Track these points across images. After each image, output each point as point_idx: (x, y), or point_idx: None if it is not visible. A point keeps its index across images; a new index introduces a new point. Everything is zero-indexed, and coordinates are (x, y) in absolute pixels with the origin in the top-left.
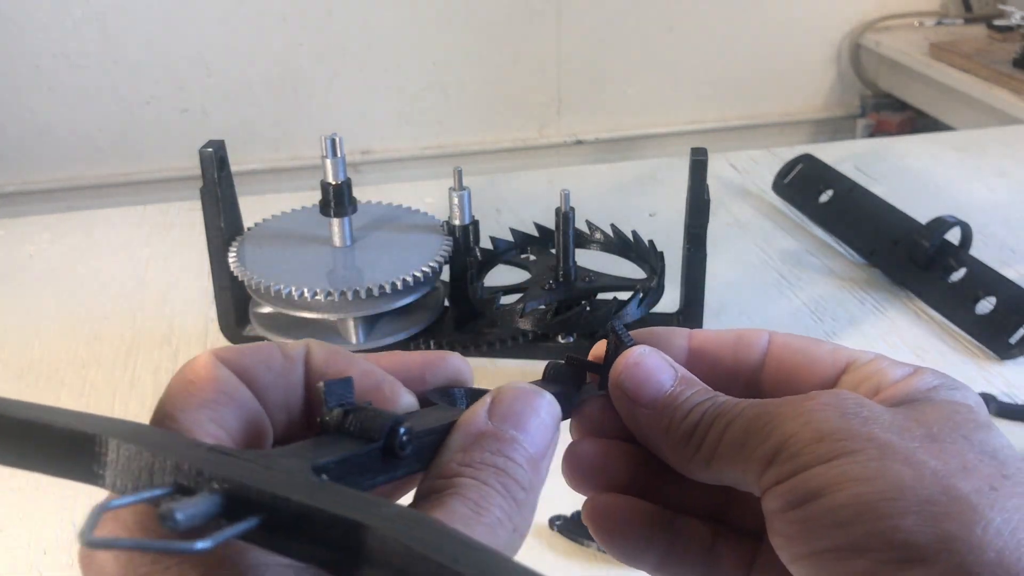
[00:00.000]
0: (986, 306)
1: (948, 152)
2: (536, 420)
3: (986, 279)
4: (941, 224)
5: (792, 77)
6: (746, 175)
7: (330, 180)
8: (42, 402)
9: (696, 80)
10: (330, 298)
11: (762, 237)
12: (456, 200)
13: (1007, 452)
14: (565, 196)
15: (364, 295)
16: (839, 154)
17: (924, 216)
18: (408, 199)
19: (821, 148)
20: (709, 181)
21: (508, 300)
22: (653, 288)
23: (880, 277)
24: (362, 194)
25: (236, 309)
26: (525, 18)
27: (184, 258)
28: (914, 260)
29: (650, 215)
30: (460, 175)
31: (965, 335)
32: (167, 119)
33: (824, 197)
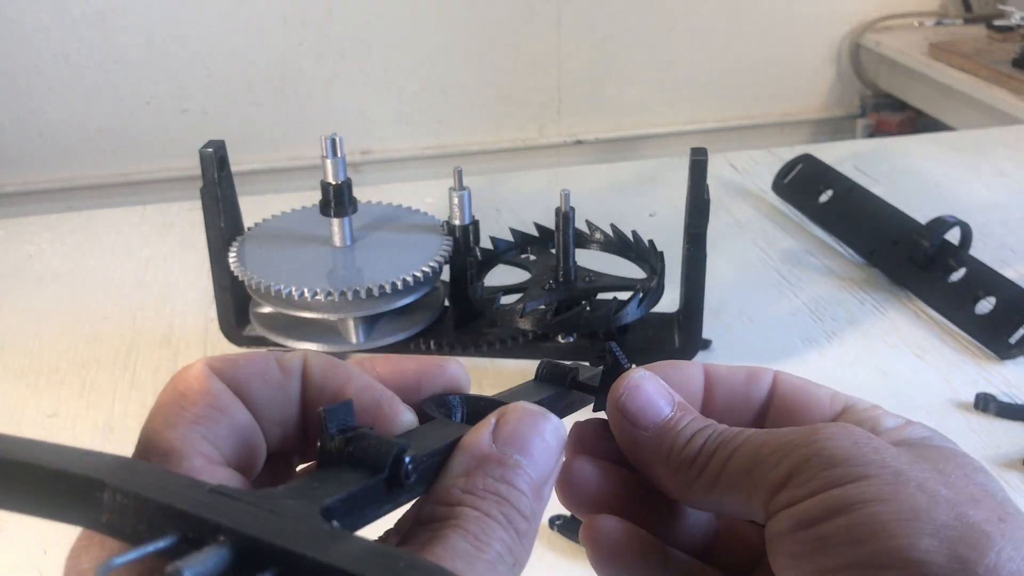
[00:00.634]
0: (986, 306)
1: (948, 152)
2: (541, 445)
3: (986, 279)
4: (941, 224)
5: (792, 77)
6: (746, 175)
7: (330, 180)
8: (42, 402)
9: (696, 80)
10: (330, 298)
11: (762, 237)
12: (456, 200)
13: (1004, 495)
14: (565, 196)
15: (364, 295)
16: (839, 154)
17: (924, 216)
18: (408, 199)
19: (821, 148)
20: (709, 181)
21: (508, 300)
22: (653, 288)
23: (880, 277)
24: (362, 194)
25: (236, 309)
26: (525, 18)
27: (184, 258)
28: (914, 260)
29: (650, 215)
30: (460, 175)
31: (965, 335)
32: (167, 119)
33: (824, 197)
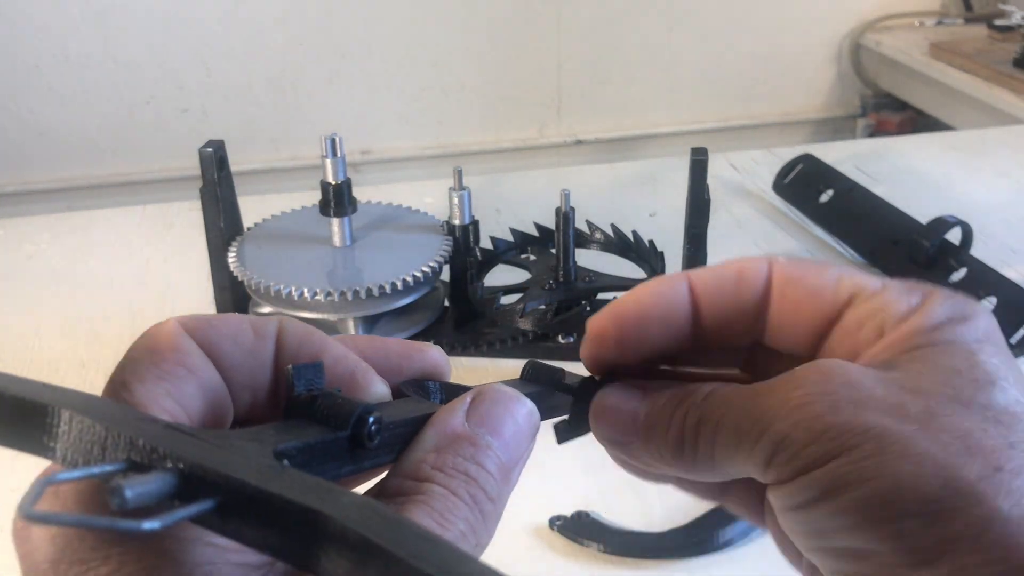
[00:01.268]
0: (986, 306)
1: (948, 152)
2: (514, 428)
3: (986, 279)
4: (941, 224)
5: (792, 77)
6: (746, 175)
7: (330, 180)
8: None
9: (696, 80)
10: (330, 298)
11: (762, 237)
12: (456, 200)
13: (1014, 410)
14: (565, 196)
15: (364, 295)
16: (839, 154)
17: (924, 216)
18: (408, 199)
19: (821, 148)
20: (709, 181)
21: (508, 300)
22: None
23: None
24: (362, 194)
25: (236, 309)
26: (525, 18)
27: (184, 258)
28: (914, 260)
29: (650, 215)
30: (460, 175)
31: None
32: (167, 119)
33: (824, 197)
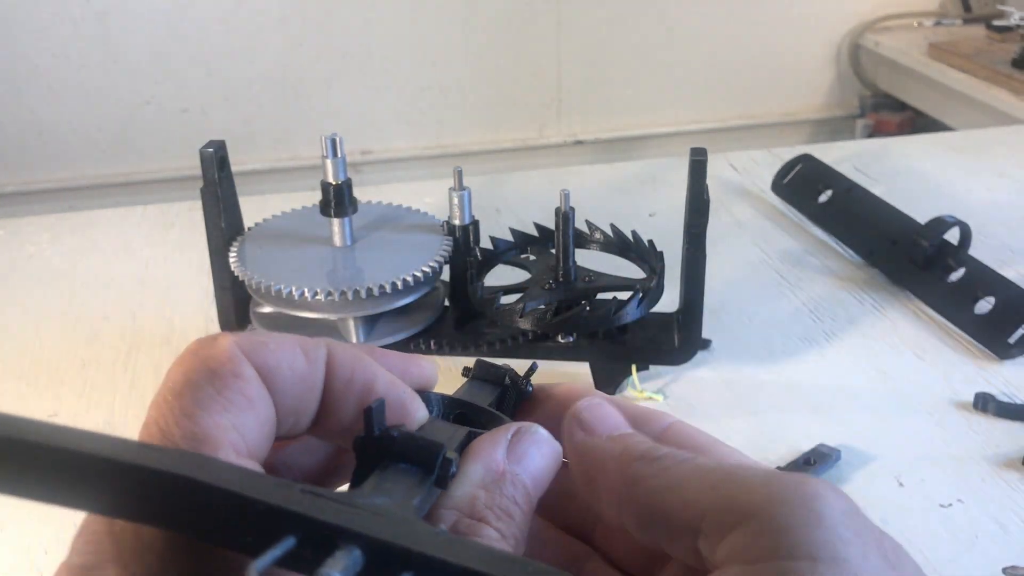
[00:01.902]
0: (985, 306)
1: (947, 152)
2: (546, 472)
3: (985, 279)
4: (940, 224)
5: (791, 77)
6: (745, 175)
7: (330, 180)
8: (42, 401)
9: (696, 80)
10: (330, 298)
11: (761, 237)
12: (456, 200)
13: None
14: (565, 196)
15: (364, 295)
16: (838, 154)
17: (923, 216)
18: (408, 199)
19: (820, 148)
20: (709, 181)
21: (508, 300)
22: (653, 288)
23: (879, 277)
24: (362, 194)
25: (236, 309)
26: (525, 18)
27: (184, 258)
28: (913, 260)
29: (650, 215)
30: (460, 175)
31: (964, 335)
32: (167, 119)
33: (823, 197)
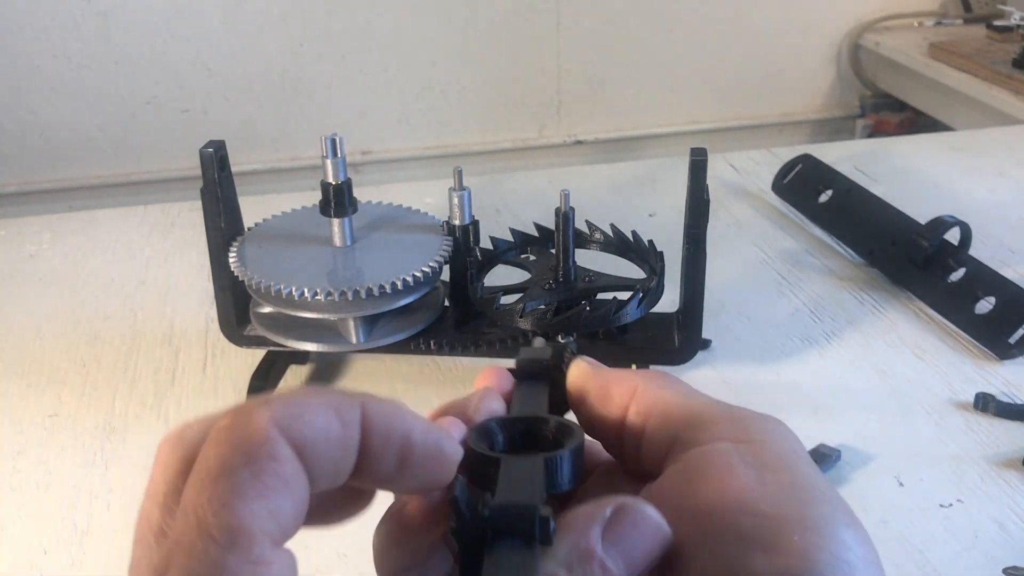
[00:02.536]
0: (985, 306)
1: (947, 152)
2: (646, 558)
3: (985, 279)
4: (940, 224)
5: (791, 77)
6: (745, 175)
7: (330, 180)
8: (43, 402)
9: (695, 81)
10: (330, 298)
11: (761, 237)
12: (456, 200)
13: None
14: (565, 196)
15: (364, 295)
16: (838, 154)
17: (923, 216)
18: (408, 199)
19: (820, 148)
20: (709, 181)
21: (508, 300)
22: (653, 288)
23: (879, 277)
24: (362, 194)
25: (236, 309)
26: (525, 19)
27: (184, 258)
28: (913, 260)
29: (650, 215)
30: (460, 175)
31: (964, 335)
32: (168, 119)
33: (823, 197)
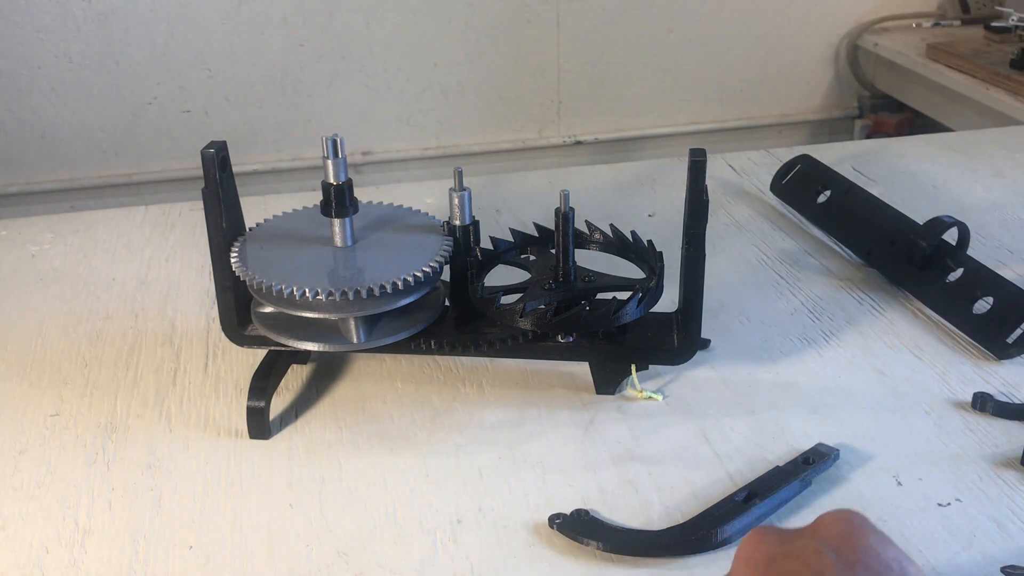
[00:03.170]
0: (983, 306)
1: (945, 153)
2: None
3: (983, 279)
4: (938, 224)
5: (790, 78)
6: (744, 176)
7: (331, 181)
8: (44, 401)
9: (695, 81)
10: (331, 298)
11: (760, 237)
12: (456, 200)
13: None
14: (565, 196)
15: (365, 295)
16: (837, 155)
17: (921, 216)
18: (408, 199)
19: (819, 149)
20: (708, 182)
21: (508, 300)
22: (652, 288)
23: (878, 277)
24: (363, 195)
25: (238, 309)
26: (525, 19)
27: (186, 258)
28: (911, 260)
29: (649, 215)
30: (460, 175)
31: (962, 335)
32: (169, 120)
33: (822, 198)
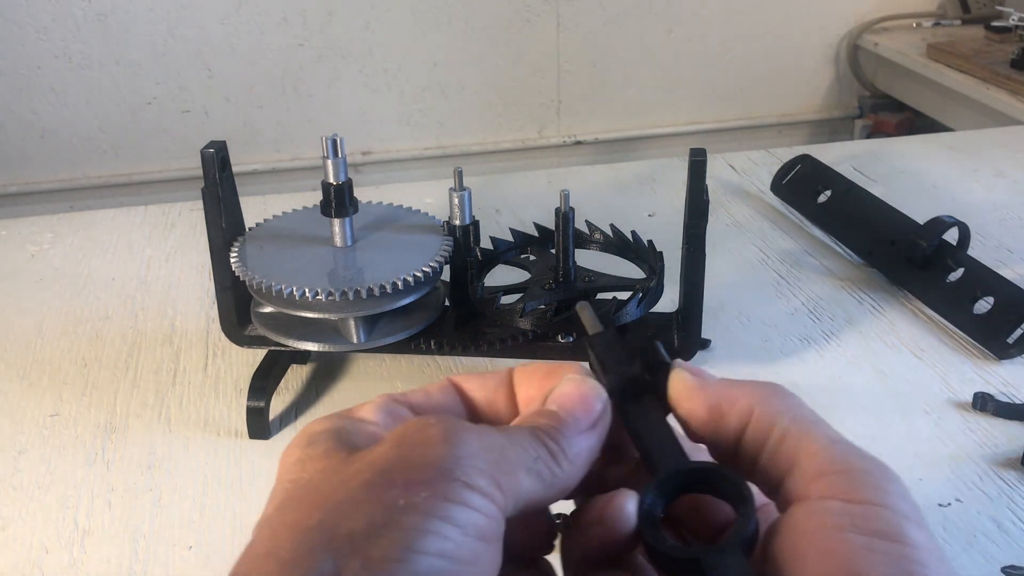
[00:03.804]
0: (984, 306)
1: (946, 152)
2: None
3: (984, 279)
4: (939, 224)
5: (790, 78)
6: (745, 176)
7: (331, 180)
8: (43, 401)
9: (695, 81)
10: (331, 298)
11: (761, 237)
12: (456, 200)
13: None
14: (565, 196)
15: (365, 295)
16: (837, 155)
17: (922, 216)
18: (408, 199)
19: (819, 149)
20: (708, 182)
21: (508, 300)
22: (652, 288)
23: (878, 277)
24: (363, 194)
25: (237, 309)
26: (525, 19)
27: (185, 258)
28: (912, 260)
29: (649, 215)
30: (460, 175)
31: (963, 335)
32: (169, 120)
33: (822, 198)
